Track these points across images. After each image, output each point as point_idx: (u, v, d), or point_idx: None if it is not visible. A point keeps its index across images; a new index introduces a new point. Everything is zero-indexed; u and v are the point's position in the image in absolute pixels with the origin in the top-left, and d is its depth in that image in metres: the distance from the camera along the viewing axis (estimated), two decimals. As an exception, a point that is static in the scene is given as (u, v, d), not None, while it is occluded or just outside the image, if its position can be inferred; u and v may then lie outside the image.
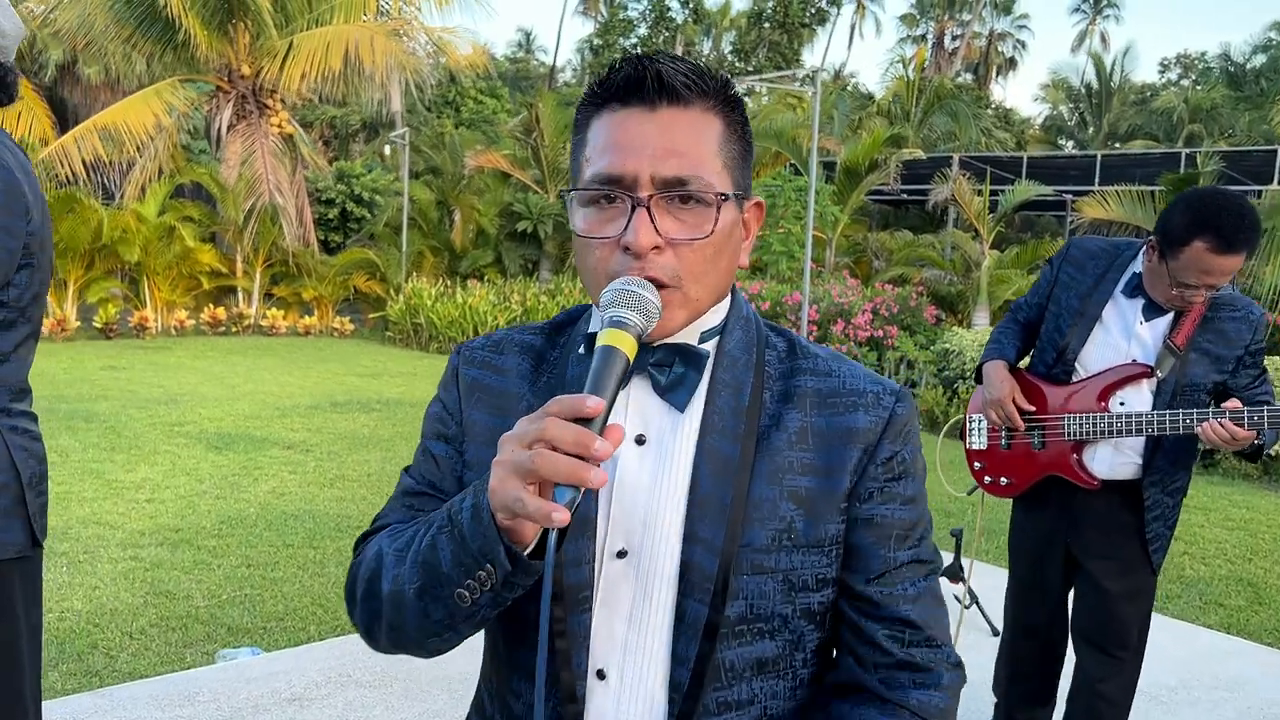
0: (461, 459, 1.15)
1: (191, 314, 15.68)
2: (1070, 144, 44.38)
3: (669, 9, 42.13)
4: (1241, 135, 32.27)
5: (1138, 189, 11.65)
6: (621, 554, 1.05)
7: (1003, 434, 2.91)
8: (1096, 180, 15.98)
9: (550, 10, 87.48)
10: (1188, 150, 15.38)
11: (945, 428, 3.35)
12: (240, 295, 16.48)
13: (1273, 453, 8.11)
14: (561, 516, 0.84)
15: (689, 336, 1.07)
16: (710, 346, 1.08)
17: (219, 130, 16.49)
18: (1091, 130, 42.81)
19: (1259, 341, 2.63)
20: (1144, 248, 2.66)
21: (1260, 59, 41.97)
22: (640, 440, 1.06)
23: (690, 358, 1.06)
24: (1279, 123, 15.16)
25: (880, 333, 11.31)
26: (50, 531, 4.59)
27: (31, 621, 1.98)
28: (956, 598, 4.53)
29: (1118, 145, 37.59)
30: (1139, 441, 2.67)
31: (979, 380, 2.97)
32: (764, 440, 1.06)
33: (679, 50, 23.18)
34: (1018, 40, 50.58)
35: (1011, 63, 50.87)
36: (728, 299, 1.12)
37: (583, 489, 0.85)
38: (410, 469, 1.20)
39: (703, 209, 1.01)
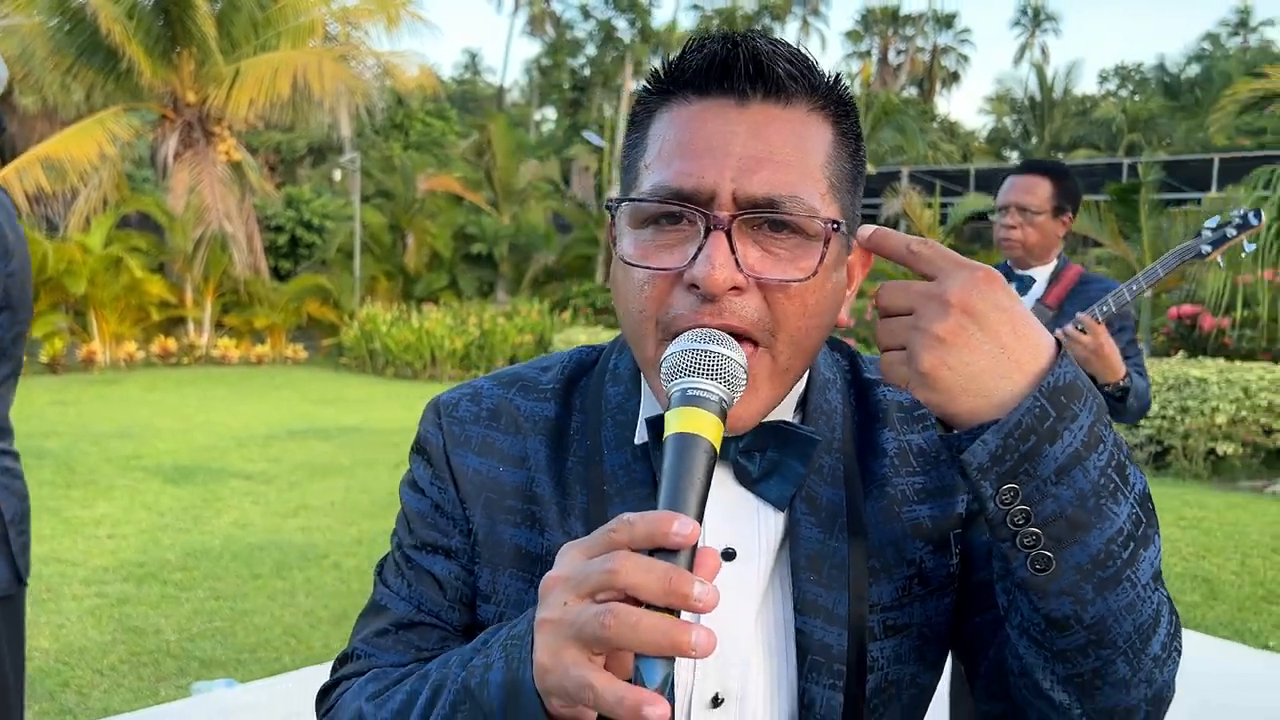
0: (471, 582, 0.88)
1: (141, 346, 15.47)
2: (1015, 155, 45.24)
3: (616, 29, 42.42)
4: (1179, 143, 33.18)
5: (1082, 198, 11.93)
6: (717, 702, 0.82)
7: None
8: (1040, 190, 16.33)
9: (497, 31, 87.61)
10: (1129, 160, 15.78)
11: None
12: (190, 325, 16.28)
13: (1221, 453, 8.34)
14: (661, 712, 0.57)
15: (783, 413, 0.84)
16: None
17: (165, 159, 16.31)
18: (1035, 141, 43.71)
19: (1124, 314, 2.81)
20: None
21: (1194, 69, 43.34)
22: (729, 555, 0.82)
23: (787, 440, 0.82)
24: (1214, 132, 15.64)
25: (836, 345, 11.44)
26: (12, 571, 4.51)
27: (16, 660, 1.97)
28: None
29: (1061, 155, 38.39)
30: None
31: None
32: (866, 472, 0.86)
33: (629, 70, 23.16)
34: (960, 54, 51.60)
35: (955, 76, 51.86)
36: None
37: (676, 659, 0.59)
38: (390, 582, 0.91)
39: (803, 240, 0.76)
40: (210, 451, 8.73)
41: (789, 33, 48.70)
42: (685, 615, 0.59)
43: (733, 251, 0.73)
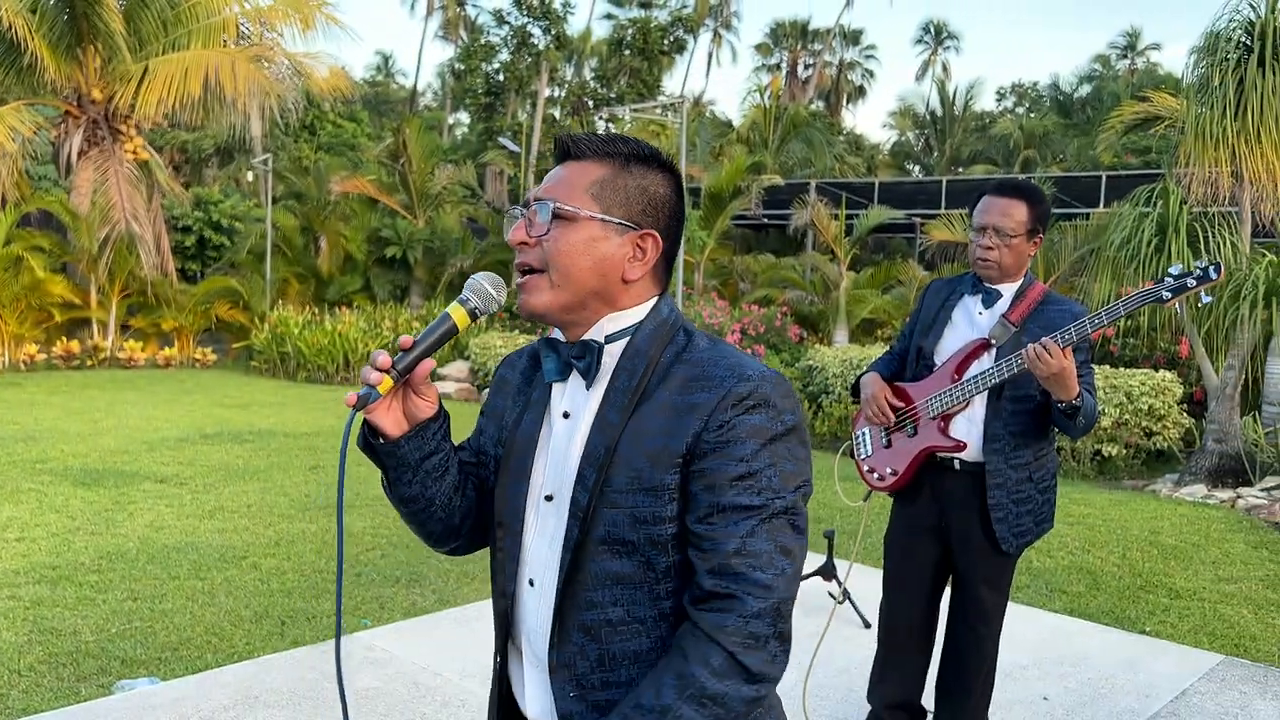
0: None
1: (42, 348, 15.02)
2: (917, 169, 46.52)
3: (531, 35, 42.35)
4: (1071, 159, 34.49)
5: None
6: (549, 498, 1.42)
7: (882, 435, 3.23)
8: (943, 204, 16.97)
9: (410, 34, 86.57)
10: (1024, 175, 16.48)
11: (841, 449, 3.68)
12: (95, 327, 15.85)
13: (1106, 454, 8.84)
14: (348, 398, 1.35)
15: (595, 335, 1.42)
16: (623, 342, 1.41)
17: (68, 157, 15.85)
18: (936, 155, 45.00)
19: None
20: None
21: (1086, 89, 45.14)
22: (565, 415, 1.43)
23: (589, 348, 1.40)
24: (1101, 150, 16.42)
25: (749, 351, 11.75)
26: (-76, 572, 4.45)
27: None
28: (830, 594, 4.87)
29: (960, 170, 39.59)
30: (982, 410, 3.03)
31: (856, 397, 3.32)
32: (637, 410, 1.36)
33: (544, 77, 23.52)
34: (866, 69, 52.83)
35: (861, 91, 53.07)
36: (646, 305, 1.44)
37: (372, 387, 1.34)
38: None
39: (559, 221, 1.40)
40: (121, 455, 8.60)
41: (701, 44, 49.30)
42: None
43: (527, 224, 1.40)
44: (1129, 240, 8.18)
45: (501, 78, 43.13)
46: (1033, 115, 45.75)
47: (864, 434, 3.32)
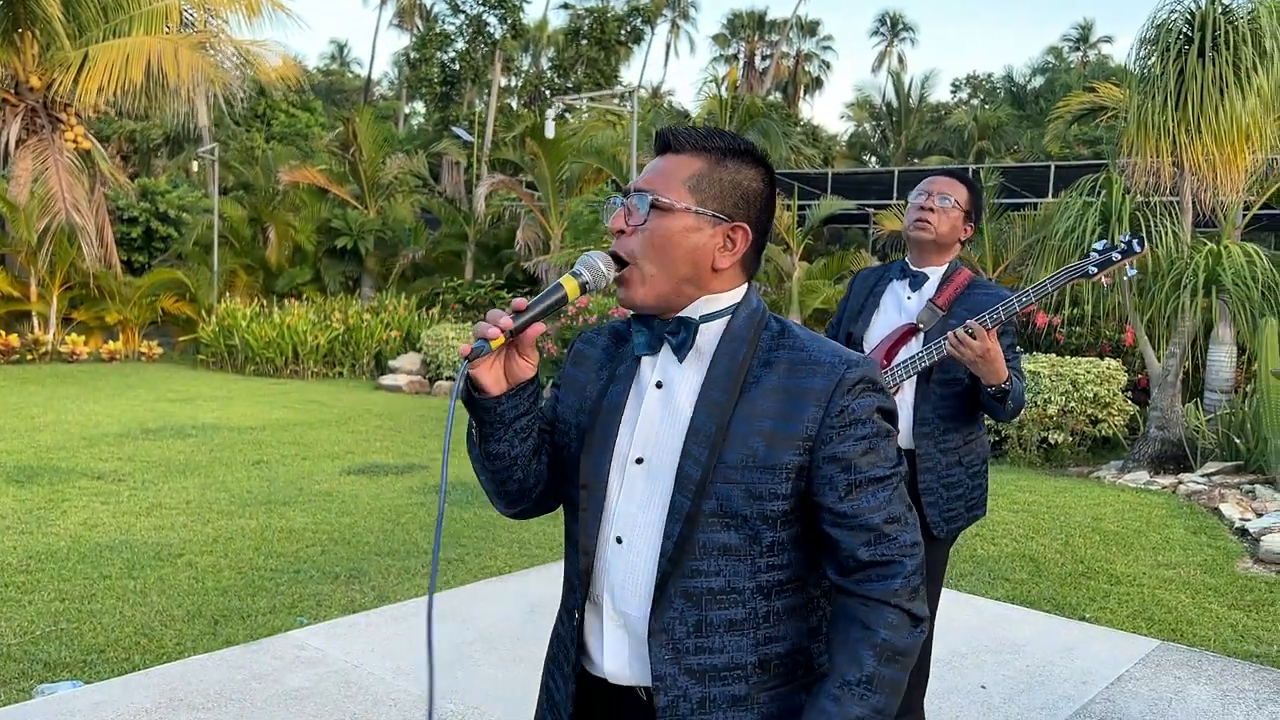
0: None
1: (-21, 342, 14.65)
2: (874, 160, 46.79)
3: (487, 24, 42.01)
4: (1025, 150, 34.87)
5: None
6: (639, 460, 1.48)
7: None
8: (895, 194, 17.04)
9: (365, 23, 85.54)
10: (975, 165, 16.61)
11: None
12: (35, 321, 15.49)
13: (1053, 441, 8.93)
14: (462, 349, 1.40)
15: (690, 313, 1.50)
16: (720, 325, 1.49)
17: (6, 146, 15.45)
18: (892, 147, 45.32)
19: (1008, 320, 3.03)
20: None
21: (1039, 80, 45.68)
22: (659, 385, 1.50)
23: (686, 324, 1.49)
24: (1048, 140, 16.60)
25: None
26: None
27: None
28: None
29: (916, 161, 39.88)
30: (911, 395, 3.02)
31: None
32: (745, 392, 1.44)
33: (498, 66, 23.33)
34: (823, 60, 53.04)
35: (818, 82, 53.28)
36: (737, 293, 1.52)
37: (486, 341, 1.39)
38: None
39: (656, 212, 1.47)
40: (58, 451, 8.39)
41: (659, 35, 49.27)
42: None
43: (626, 213, 1.50)
44: (1073, 229, 8.25)
45: (457, 67, 42.77)
46: (987, 107, 46.19)
47: None
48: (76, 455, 8.26)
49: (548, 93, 37.73)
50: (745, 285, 1.53)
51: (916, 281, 3.09)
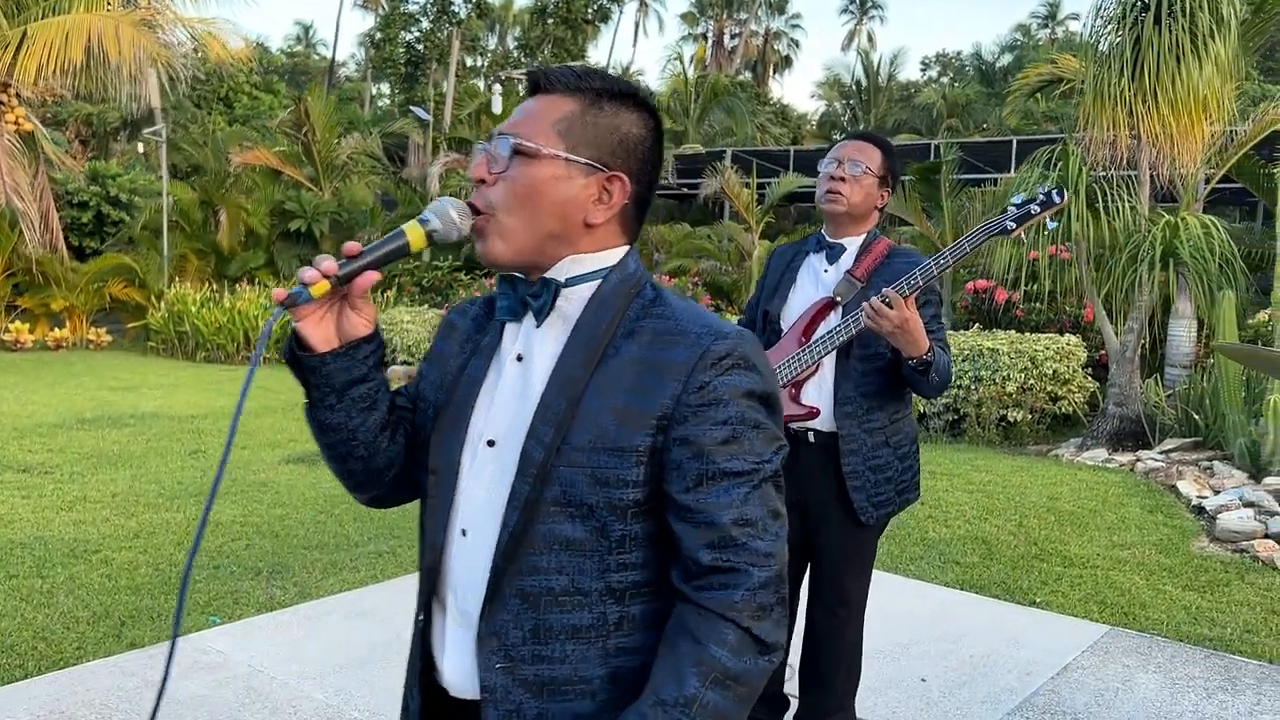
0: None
1: (-82, 331, 14.21)
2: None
3: (451, 3, 41.46)
4: (993, 128, 34.81)
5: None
6: (491, 443, 1.32)
7: None
8: (858, 171, 16.82)
9: (330, 2, 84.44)
10: (935, 141, 16.44)
11: None
12: (-23, 308, 15.06)
13: (1011, 419, 8.78)
14: (276, 293, 1.26)
15: (555, 275, 1.32)
16: (588, 289, 1.31)
17: (-58, 128, 14.93)
18: (862, 125, 45.18)
19: (930, 289, 2.81)
20: None
21: (1007, 58, 45.62)
22: (520, 358, 1.33)
23: (547, 286, 1.31)
24: (1008, 114, 16.48)
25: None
26: None
27: None
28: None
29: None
30: (831, 373, 2.81)
31: None
32: (603, 365, 1.26)
33: (456, 43, 22.95)
34: (792, 39, 52.82)
35: (787, 61, 53.08)
36: (612, 255, 1.33)
37: (305, 286, 1.25)
38: None
39: (518, 157, 1.30)
40: (-17, 443, 8.07)
41: (627, 14, 48.79)
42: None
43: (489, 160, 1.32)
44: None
45: (422, 47, 42.20)
46: (956, 85, 46.15)
47: None
48: (5, 447, 7.94)
49: (515, 72, 37.38)
50: (625, 247, 1.35)
51: (833, 254, 2.89)
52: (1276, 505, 6.09)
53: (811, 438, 2.86)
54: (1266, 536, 5.70)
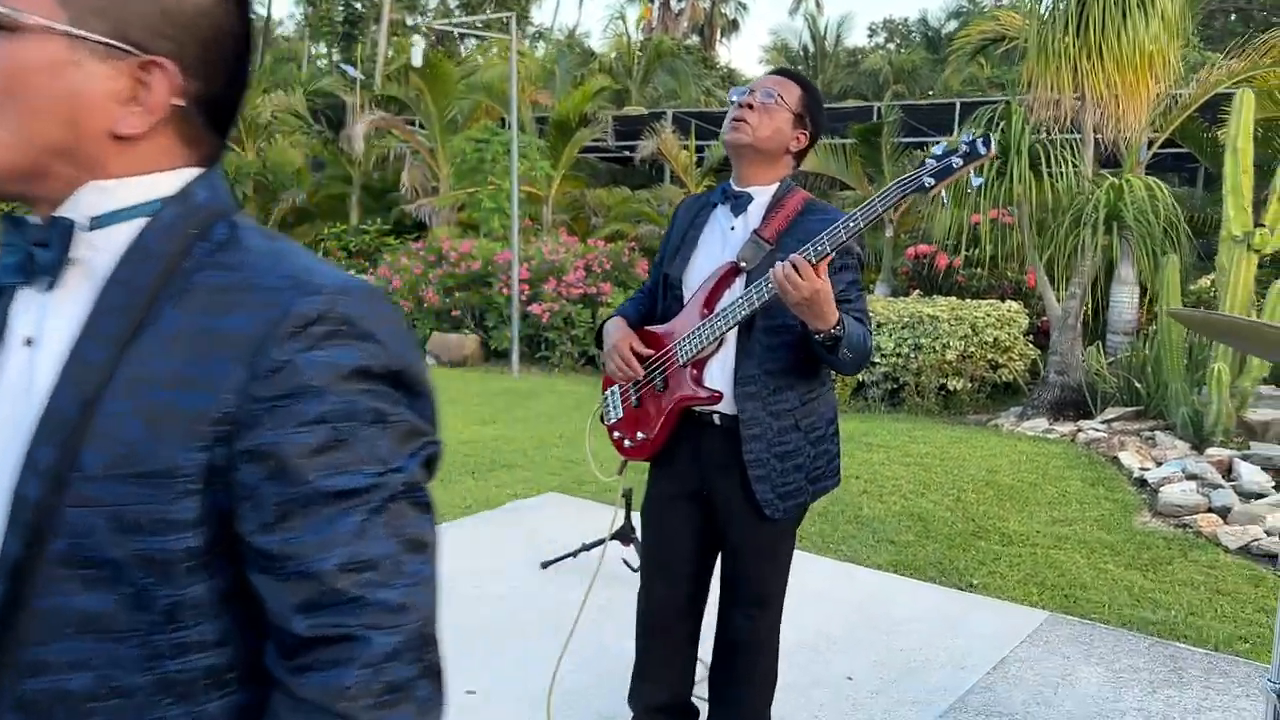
0: None
1: None
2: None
3: (388, -40, 40.24)
4: (939, 93, 34.75)
5: (832, 141, 12.04)
6: None
7: (632, 393, 2.63)
8: (800, 133, 16.51)
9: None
10: (878, 104, 16.16)
11: (591, 416, 3.05)
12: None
13: (952, 388, 8.54)
14: None
15: (70, 212, 0.89)
16: (127, 232, 0.88)
17: None
18: (808, 91, 44.81)
19: (847, 250, 2.44)
20: None
21: (953, 24, 45.49)
22: (28, 342, 0.89)
23: (56, 227, 0.88)
24: (952, 74, 16.25)
25: (594, 289, 11.12)
26: None
27: None
28: (626, 562, 4.30)
29: (831, 105, 39.59)
30: (731, 352, 2.46)
31: (600, 346, 2.70)
32: (135, 342, 0.85)
33: (387, 3, 22.12)
34: (740, 3, 52.22)
35: (734, 25, 52.51)
36: (164, 182, 0.91)
37: None
38: None
39: None
40: None
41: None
42: None
43: None
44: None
45: (360, 5, 41.02)
46: (902, 51, 46.02)
47: (612, 394, 2.72)
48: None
49: (456, 32, 36.46)
50: (188, 171, 0.92)
51: (740, 204, 2.49)
52: (1219, 478, 5.89)
53: (716, 419, 2.50)
54: (1209, 511, 5.49)
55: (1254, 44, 8.82)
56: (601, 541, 3.66)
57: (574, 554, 4.42)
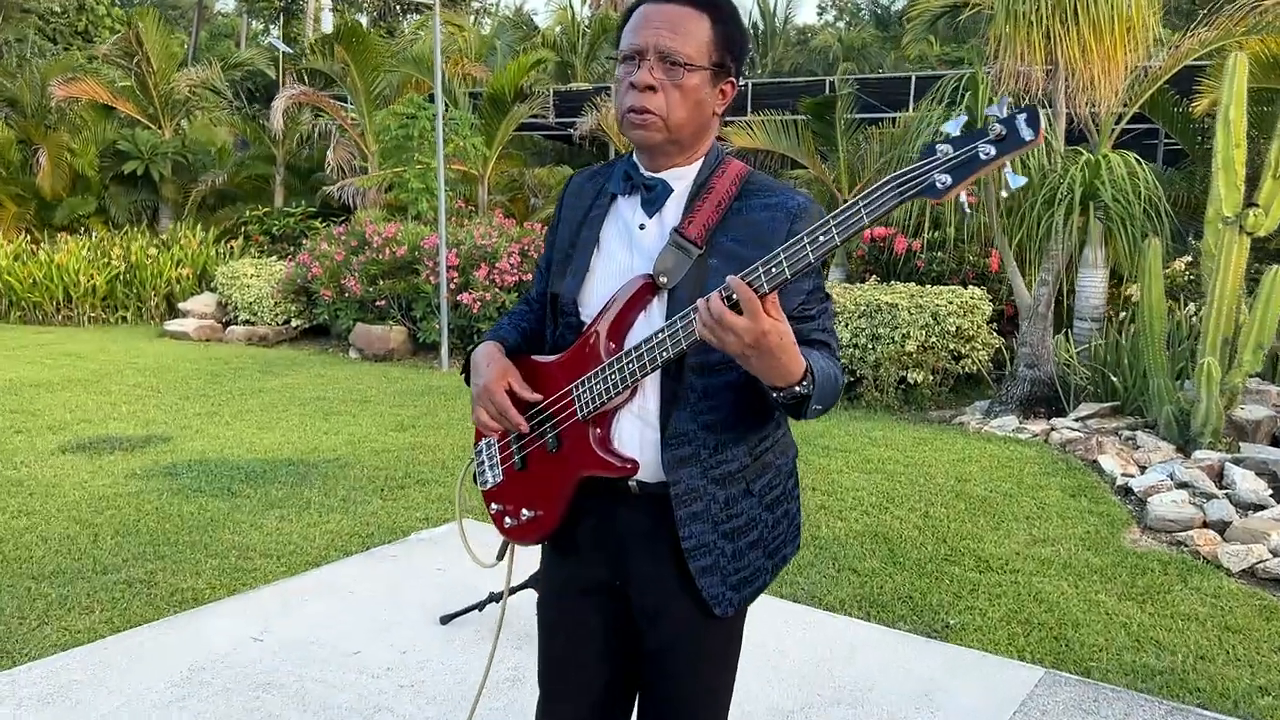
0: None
1: None
2: (740, 82, 45.69)
3: (324, -68, 38.81)
4: (889, 71, 34.28)
5: (781, 117, 11.35)
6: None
7: (514, 450, 1.89)
8: (749, 109, 15.84)
9: (199, -67, 79.43)
10: (830, 78, 15.49)
11: (461, 475, 2.25)
12: None
13: (912, 381, 7.91)
14: None
15: None
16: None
17: None
18: (759, 70, 44.23)
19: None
20: None
21: (902, 1, 45.11)
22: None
23: None
24: (908, 43, 15.65)
25: (529, 276, 10.35)
26: None
27: None
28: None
29: (782, 79, 39.05)
30: (656, 397, 1.73)
31: (468, 383, 1.93)
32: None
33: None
34: (687, -22, 51.35)
35: (683, 1, 51.66)
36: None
37: None
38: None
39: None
40: None
41: (515, -54, 46.57)
42: None
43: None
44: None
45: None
46: (852, 28, 45.54)
47: (488, 449, 1.97)
48: None
49: (398, 7, 35.28)
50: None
51: (651, 200, 1.73)
52: (1212, 486, 5.31)
53: (634, 486, 1.78)
54: (1205, 525, 4.91)
55: (1225, 12, 8.27)
56: (509, 591, 2.92)
57: (479, 606, 3.69)
